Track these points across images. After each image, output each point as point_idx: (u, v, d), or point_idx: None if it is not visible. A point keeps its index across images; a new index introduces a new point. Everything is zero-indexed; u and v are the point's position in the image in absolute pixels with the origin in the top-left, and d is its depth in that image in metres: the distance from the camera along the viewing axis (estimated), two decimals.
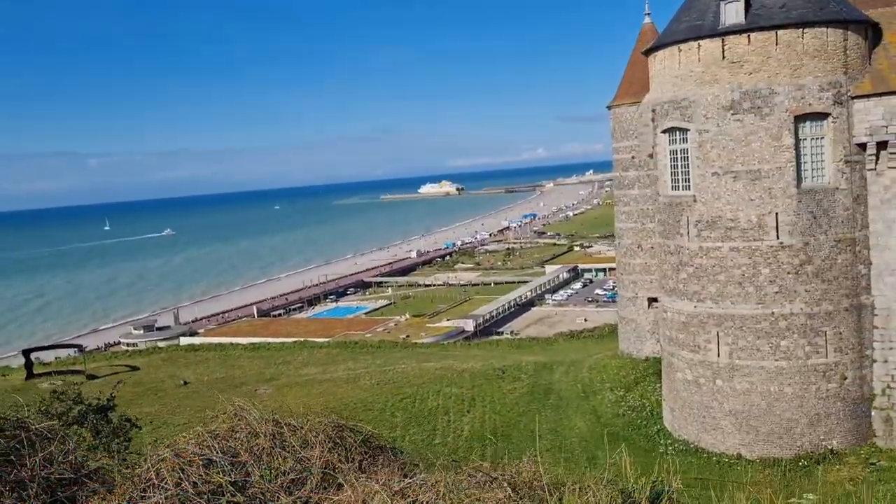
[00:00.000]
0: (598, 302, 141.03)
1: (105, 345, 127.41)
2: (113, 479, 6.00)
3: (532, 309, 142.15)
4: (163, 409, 39.73)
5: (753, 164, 30.19)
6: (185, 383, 45.69)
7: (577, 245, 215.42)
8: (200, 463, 5.59)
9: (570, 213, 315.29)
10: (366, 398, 40.62)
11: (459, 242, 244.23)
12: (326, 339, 60.30)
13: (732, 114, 30.34)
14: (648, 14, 48.85)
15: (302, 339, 58.43)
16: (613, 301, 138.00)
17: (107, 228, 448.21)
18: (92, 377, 45.38)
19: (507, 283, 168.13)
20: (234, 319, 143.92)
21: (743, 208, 30.55)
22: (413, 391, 41.70)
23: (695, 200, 31.74)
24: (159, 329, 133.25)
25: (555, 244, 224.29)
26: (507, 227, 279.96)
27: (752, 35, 29.82)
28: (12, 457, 5.67)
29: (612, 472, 6.69)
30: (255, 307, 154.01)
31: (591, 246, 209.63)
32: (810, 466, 29.14)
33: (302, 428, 6.02)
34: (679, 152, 32.56)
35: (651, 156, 35.19)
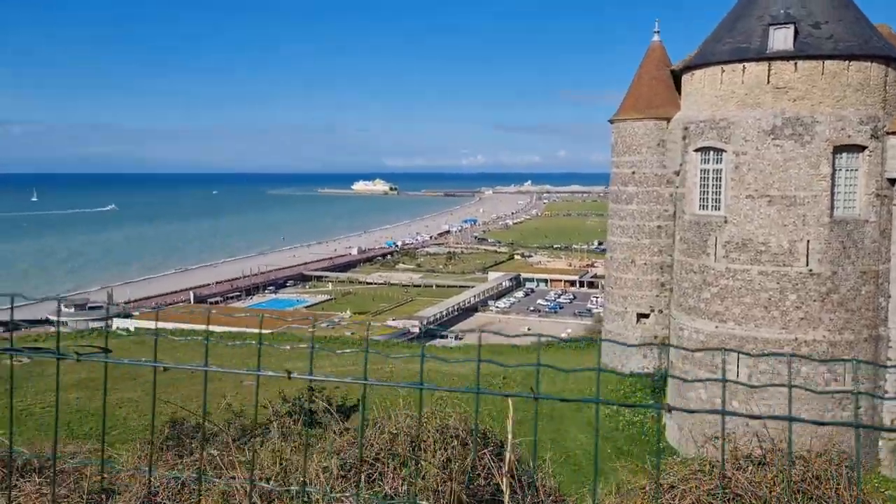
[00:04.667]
0: (540, 312, 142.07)
1: (32, 321, 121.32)
2: None
3: (475, 314, 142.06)
4: (145, 396, 37.68)
5: (790, 190, 30.47)
6: (165, 369, 43.43)
7: (517, 254, 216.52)
8: None
9: (510, 222, 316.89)
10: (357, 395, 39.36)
11: (400, 242, 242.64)
12: (306, 332, 58.62)
13: (773, 139, 30.55)
14: (657, 32, 49.17)
15: (283, 330, 56.86)
16: (556, 312, 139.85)
17: (34, 200, 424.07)
18: (63, 357, 42.63)
19: (449, 286, 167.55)
20: (171, 304, 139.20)
21: (775, 233, 30.79)
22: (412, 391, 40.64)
23: (725, 221, 31.84)
24: (91, 308, 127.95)
25: (496, 251, 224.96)
26: (448, 231, 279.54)
27: (800, 63, 30.11)
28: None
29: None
30: (192, 292, 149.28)
31: (532, 255, 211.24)
32: None
33: None
34: (711, 172, 32.64)
35: (678, 173, 35.20)
